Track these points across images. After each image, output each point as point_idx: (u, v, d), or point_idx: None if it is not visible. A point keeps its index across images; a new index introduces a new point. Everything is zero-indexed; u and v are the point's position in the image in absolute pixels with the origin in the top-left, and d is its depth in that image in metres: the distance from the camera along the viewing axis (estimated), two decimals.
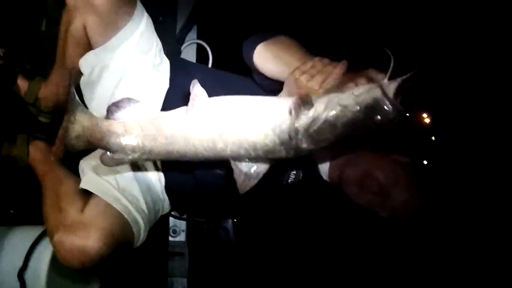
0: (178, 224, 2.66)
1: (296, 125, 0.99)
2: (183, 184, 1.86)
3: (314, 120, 0.99)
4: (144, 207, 1.74)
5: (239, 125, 1.05)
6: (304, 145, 1.01)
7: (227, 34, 2.86)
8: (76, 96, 1.15)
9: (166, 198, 1.93)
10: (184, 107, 1.12)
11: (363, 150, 1.82)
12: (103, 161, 1.15)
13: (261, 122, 1.04)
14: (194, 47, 2.73)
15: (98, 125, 1.15)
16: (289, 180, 1.76)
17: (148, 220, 1.77)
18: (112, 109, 1.16)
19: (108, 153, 1.16)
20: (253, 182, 1.10)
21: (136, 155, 1.15)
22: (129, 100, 1.17)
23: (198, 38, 2.74)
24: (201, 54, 2.67)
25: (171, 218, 2.62)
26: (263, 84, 1.66)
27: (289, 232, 1.98)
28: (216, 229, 2.51)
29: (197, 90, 1.08)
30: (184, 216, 2.54)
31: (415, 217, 1.73)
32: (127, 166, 1.76)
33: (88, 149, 1.19)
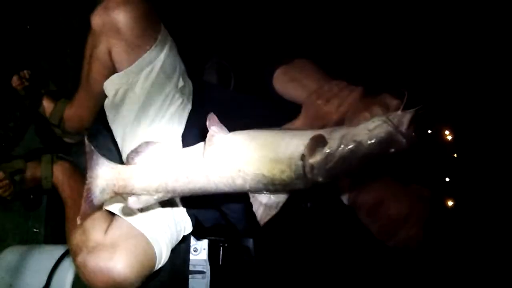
0: (199, 243, 2.66)
1: (311, 161, 1.00)
2: (205, 208, 1.87)
3: (328, 156, 1.00)
4: (166, 228, 1.75)
5: (256, 162, 1.06)
6: (320, 179, 1.02)
7: (250, 55, 2.88)
8: (94, 151, 1.17)
9: (189, 219, 1.94)
10: (202, 143, 1.14)
11: (382, 176, 1.81)
12: (131, 206, 1.18)
13: (277, 159, 1.04)
14: (216, 67, 2.75)
15: (120, 174, 1.18)
16: (308, 205, 1.76)
17: (170, 241, 1.78)
18: (132, 155, 1.19)
19: (134, 197, 1.18)
20: (273, 212, 1.11)
21: (160, 195, 1.17)
22: (146, 144, 1.20)
23: (220, 59, 2.76)
24: (223, 75, 2.68)
25: (192, 237, 2.62)
26: (284, 108, 1.67)
27: (310, 254, 1.96)
28: (238, 249, 2.51)
29: (214, 127, 1.10)
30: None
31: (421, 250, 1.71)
32: None
33: (114, 198, 1.22)
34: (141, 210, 1.70)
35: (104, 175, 1.19)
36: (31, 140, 2.28)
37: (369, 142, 0.99)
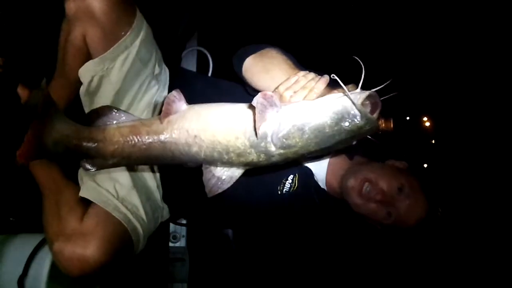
0: (178, 230, 2.66)
1: (264, 128, 1.01)
2: (181, 192, 1.86)
3: (281, 123, 1.02)
4: (143, 215, 1.75)
5: (212, 129, 1.08)
6: (273, 149, 1.03)
7: (228, 41, 2.87)
8: (55, 103, 1.17)
9: (165, 206, 1.94)
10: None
11: (360, 158, 1.83)
12: (83, 166, 1.18)
13: (233, 126, 1.07)
14: (195, 54, 2.74)
15: (77, 131, 1.18)
16: (284, 190, 1.76)
17: (147, 228, 1.78)
18: (92, 116, 1.20)
19: (88, 159, 1.18)
20: (225, 186, 1.12)
21: (115, 160, 1.18)
22: (109, 107, 1.21)
23: (198, 45, 2.75)
24: (201, 61, 2.67)
25: (171, 224, 2.62)
26: (255, 95, 1.66)
27: (288, 240, 1.97)
28: (216, 236, 2.52)
29: (172, 96, 1.11)
30: (184, 222, 2.55)
31: (423, 225, 1.73)
32: (126, 175, 1.77)
33: (66, 155, 1.21)
34: (118, 196, 1.70)
35: (61, 129, 1.20)
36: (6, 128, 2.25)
37: (322, 112, 1.01)
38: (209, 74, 2.57)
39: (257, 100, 1.00)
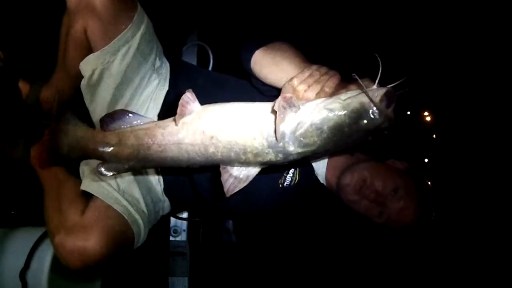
0: (179, 224, 2.67)
1: (283, 128, 1.01)
2: (182, 186, 1.87)
3: (300, 123, 1.01)
4: (144, 208, 1.76)
5: (229, 129, 1.07)
6: (291, 148, 1.03)
7: (229, 36, 2.87)
8: (69, 108, 1.18)
9: (166, 199, 1.95)
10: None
11: (360, 155, 1.83)
12: (99, 171, 1.18)
13: (250, 126, 1.06)
14: (195, 48, 2.74)
15: (92, 136, 1.19)
16: (285, 183, 1.77)
17: (148, 221, 1.79)
18: (106, 120, 1.19)
19: (104, 163, 1.18)
20: (242, 184, 1.11)
21: (131, 164, 1.18)
22: (122, 111, 1.20)
23: (199, 39, 2.74)
24: (202, 55, 2.67)
25: (172, 218, 2.63)
26: (262, 89, 1.66)
27: (288, 233, 1.98)
28: (217, 229, 2.52)
29: (186, 97, 1.10)
30: (185, 217, 2.55)
31: (411, 229, 1.73)
32: None
33: (81, 159, 1.22)
34: (119, 189, 1.71)
35: (76, 133, 1.20)
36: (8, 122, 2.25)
37: (341, 111, 1.00)
38: (210, 69, 2.57)
39: (278, 103, 0.99)
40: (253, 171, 1.11)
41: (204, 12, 2.83)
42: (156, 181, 1.89)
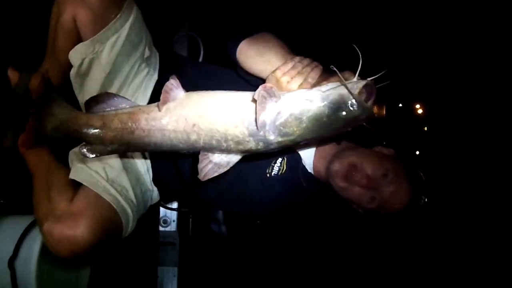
0: (169, 215, 2.68)
1: (263, 117, 1.02)
2: (170, 175, 1.88)
3: (280, 112, 1.03)
4: (133, 197, 1.77)
5: (211, 117, 1.08)
6: (272, 137, 1.05)
7: (219, 27, 2.87)
8: (54, 88, 1.18)
9: (155, 188, 1.95)
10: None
11: (348, 143, 1.84)
12: (82, 153, 1.19)
13: (231, 114, 1.08)
14: (186, 39, 2.74)
15: (77, 118, 1.19)
16: (273, 173, 1.78)
17: (137, 210, 1.80)
18: (91, 103, 1.20)
19: (88, 145, 1.20)
20: (222, 170, 1.13)
21: (114, 147, 1.19)
22: (108, 94, 1.21)
23: (189, 30, 2.74)
24: (192, 46, 2.67)
25: (161, 209, 2.64)
26: (248, 80, 1.67)
27: (277, 223, 1.99)
28: (207, 219, 2.53)
29: (170, 84, 1.12)
30: (175, 207, 2.56)
31: (405, 212, 1.74)
32: (116, 158, 1.78)
33: (65, 140, 1.23)
34: (107, 178, 1.71)
35: (60, 114, 1.21)
36: None
37: (320, 102, 1.02)
38: (200, 60, 2.57)
39: (258, 93, 1.01)
40: (234, 158, 1.13)
41: (195, 2, 2.83)
42: (145, 170, 1.89)
